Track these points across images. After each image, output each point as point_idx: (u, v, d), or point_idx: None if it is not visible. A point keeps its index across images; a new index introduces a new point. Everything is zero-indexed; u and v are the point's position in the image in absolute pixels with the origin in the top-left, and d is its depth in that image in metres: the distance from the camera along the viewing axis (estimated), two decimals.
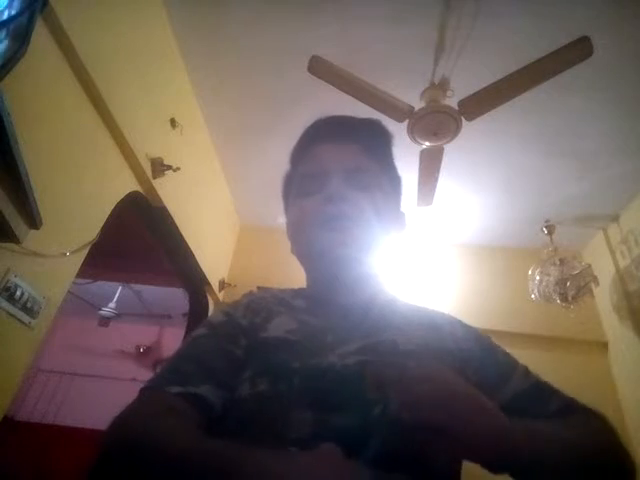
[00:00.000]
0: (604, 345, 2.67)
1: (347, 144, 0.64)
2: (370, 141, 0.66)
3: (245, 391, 0.48)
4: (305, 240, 0.61)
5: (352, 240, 0.58)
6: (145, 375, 4.74)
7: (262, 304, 0.60)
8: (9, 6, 0.88)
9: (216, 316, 0.60)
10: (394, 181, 0.69)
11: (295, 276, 0.70)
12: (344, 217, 0.58)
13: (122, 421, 0.44)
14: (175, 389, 0.46)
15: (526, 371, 0.58)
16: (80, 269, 1.38)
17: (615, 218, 2.63)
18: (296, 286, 0.69)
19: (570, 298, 2.32)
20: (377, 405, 0.42)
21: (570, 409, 0.54)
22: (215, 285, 2.70)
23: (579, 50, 1.44)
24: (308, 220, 0.60)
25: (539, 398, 0.55)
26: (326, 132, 0.66)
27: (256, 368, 0.50)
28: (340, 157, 0.63)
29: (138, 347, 5.05)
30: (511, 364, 0.59)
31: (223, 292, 2.85)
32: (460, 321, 0.64)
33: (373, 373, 0.46)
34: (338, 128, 0.66)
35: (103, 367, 4.73)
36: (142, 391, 0.48)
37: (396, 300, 0.65)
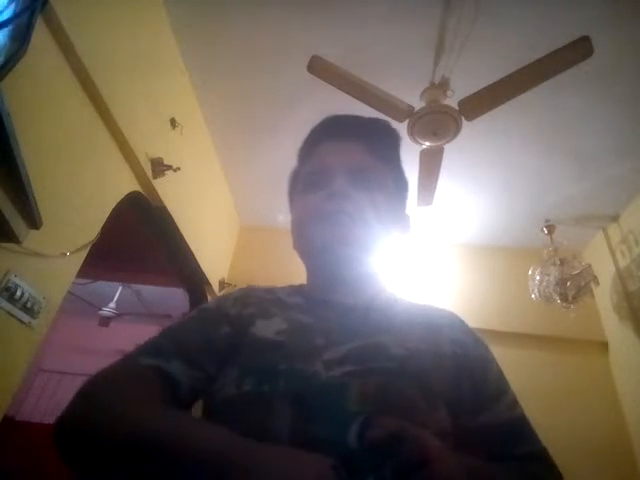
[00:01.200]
0: (604, 345, 2.67)
1: (354, 143, 0.64)
2: (377, 142, 0.66)
3: (231, 390, 0.48)
4: (306, 235, 0.61)
5: (353, 239, 0.58)
6: None
7: (254, 298, 0.61)
8: (9, 6, 0.88)
9: (207, 303, 0.63)
10: (399, 183, 0.69)
11: (295, 276, 0.70)
12: (344, 213, 0.58)
13: (91, 382, 0.47)
14: (146, 360, 0.49)
15: (513, 402, 0.56)
16: (80, 269, 1.38)
17: (615, 218, 2.63)
18: None
19: (570, 298, 2.32)
20: (356, 421, 0.42)
21: (536, 459, 0.53)
22: (215, 285, 2.71)
23: (579, 50, 1.44)
24: (309, 215, 0.61)
25: (512, 436, 0.53)
26: (334, 130, 0.66)
27: (243, 368, 0.50)
28: (346, 156, 0.63)
29: None
30: (500, 389, 0.56)
31: (223, 292, 2.85)
32: (462, 322, 0.63)
33: (357, 389, 0.46)
34: (346, 127, 0.66)
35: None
36: (118, 360, 0.51)
37: (397, 299, 0.65)
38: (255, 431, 0.44)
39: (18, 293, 1.10)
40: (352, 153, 0.64)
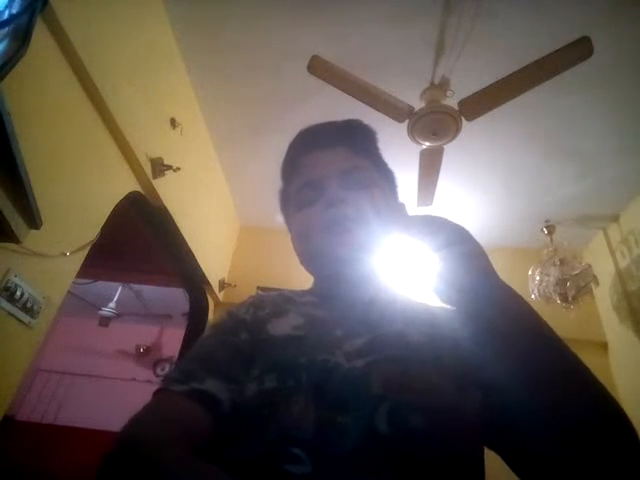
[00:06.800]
0: (604, 345, 2.67)
1: (336, 149, 0.65)
2: (358, 141, 0.67)
3: (253, 390, 0.48)
4: (310, 244, 0.62)
5: (352, 240, 0.58)
6: (145, 375, 4.76)
7: (268, 300, 0.62)
8: (9, 6, 0.88)
9: (219, 317, 0.62)
10: (388, 175, 0.70)
11: (295, 276, 0.70)
12: (346, 219, 0.58)
13: (129, 435, 0.43)
14: (179, 387, 0.48)
15: None
16: (80, 269, 1.38)
17: (615, 218, 2.63)
18: (296, 287, 0.70)
19: (570, 298, 2.32)
20: (381, 408, 0.42)
21: None
22: (215, 285, 2.71)
23: (579, 50, 1.44)
24: (312, 227, 0.61)
25: None
26: (313, 142, 0.67)
27: (263, 366, 0.50)
28: (333, 161, 0.64)
29: (138, 347, 5.06)
30: None
31: (223, 292, 2.85)
32: None
33: (381, 377, 0.46)
34: (323, 135, 0.67)
35: (103, 367, 4.73)
36: (155, 394, 0.49)
37: (398, 297, 0.66)
38: (281, 426, 0.44)
39: (18, 293, 1.10)
40: (338, 158, 0.64)
